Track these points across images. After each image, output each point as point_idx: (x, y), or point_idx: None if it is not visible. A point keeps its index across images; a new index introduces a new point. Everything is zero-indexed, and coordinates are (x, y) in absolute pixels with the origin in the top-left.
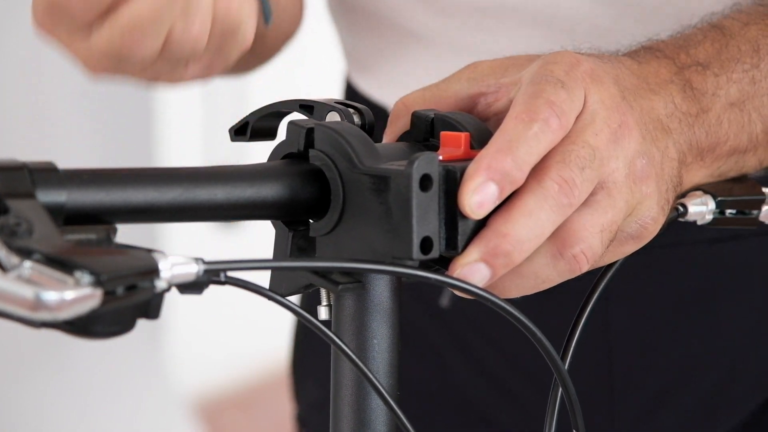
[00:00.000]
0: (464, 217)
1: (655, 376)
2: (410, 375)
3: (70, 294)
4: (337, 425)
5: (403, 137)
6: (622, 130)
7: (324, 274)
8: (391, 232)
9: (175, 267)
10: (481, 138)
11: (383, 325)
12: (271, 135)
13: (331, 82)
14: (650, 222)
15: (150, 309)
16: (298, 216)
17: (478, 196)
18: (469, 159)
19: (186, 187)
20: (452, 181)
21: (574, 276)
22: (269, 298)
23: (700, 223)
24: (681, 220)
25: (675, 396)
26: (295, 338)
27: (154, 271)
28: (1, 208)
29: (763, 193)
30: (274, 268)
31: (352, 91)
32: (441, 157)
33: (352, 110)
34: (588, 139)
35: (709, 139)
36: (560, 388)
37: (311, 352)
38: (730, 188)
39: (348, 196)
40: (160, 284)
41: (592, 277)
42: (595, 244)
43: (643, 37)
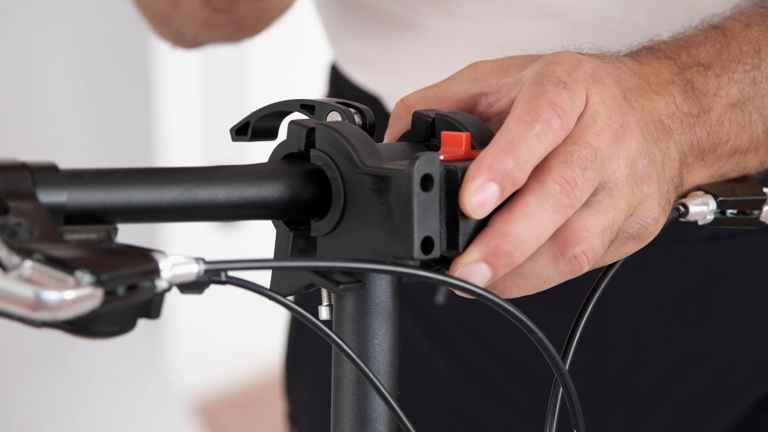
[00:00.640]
0: (465, 217)
1: (649, 374)
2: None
3: (71, 294)
4: (337, 425)
5: (404, 137)
6: (623, 130)
7: (325, 274)
8: (392, 232)
9: (176, 267)
10: (482, 138)
11: (384, 325)
12: (272, 135)
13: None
14: (651, 222)
15: (151, 309)
16: (299, 216)
17: (479, 196)
18: (470, 159)
19: (186, 186)
20: (453, 181)
21: (574, 276)
22: (270, 298)
23: (701, 223)
24: (682, 220)
25: (669, 393)
26: (289, 337)
27: (154, 271)
28: (1, 208)
29: (764, 193)
30: (274, 268)
31: (339, 80)
32: (442, 157)
33: (353, 110)
34: (590, 140)
35: (710, 139)
36: (561, 389)
37: (303, 353)
38: (731, 188)
39: (349, 196)
40: (161, 284)
41: (593, 277)
42: (596, 245)
43: (652, 32)
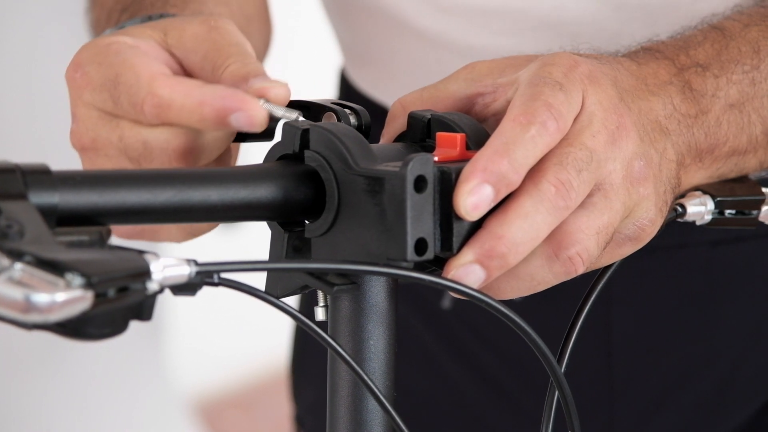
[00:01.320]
0: (459, 219)
1: (655, 379)
2: (406, 378)
3: (61, 296)
4: (333, 427)
5: (400, 138)
6: (619, 131)
7: (319, 275)
8: (386, 234)
9: (167, 269)
10: (478, 139)
11: (379, 327)
12: (269, 136)
13: (329, 82)
14: (648, 224)
15: (142, 311)
16: (293, 217)
17: (473, 198)
18: (464, 160)
19: (179, 188)
20: (447, 183)
21: (569, 278)
22: (263, 300)
23: (699, 223)
24: (680, 220)
25: (675, 398)
26: (295, 339)
27: (145, 273)
28: None
29: (763, 194)
30: (266, 270)
31: (347, 87)
32: (436, 158)
33: (348, 111)
34: (585, 142)
35: (708, 140)
36: (556, 390)
37: (310, 354)
38: (730, 188)
39: (343, 197)
40: (152, 286)
41: (590, 279)
42: (591, 246)
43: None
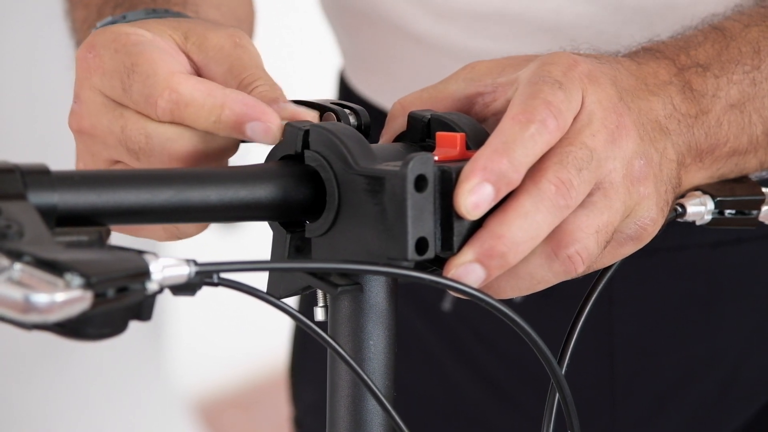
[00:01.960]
0: (460, 218)
1: (657, 379)
2: (408, 379)
3: (60, 296)
4: (333, 427)
5: (400, 138)
6: (619, 131)
7: (322, 276)
8: (387, 233)
9: (167, 269)
10: (477, 138)
11: (379, 327)
12: None
13: (328, 82)
14: (649, 223)
15: (142, 311)
16: (293, 217)
17: (473, 197)
18: (464, 159)
19: (178, 188)
20: (447, 182)
21: (569, 277)
22: (262, 300)
23: (699, 223)
24: (680, 220)
25: (677, 399)
26: (294, 340)
27: (144, 273)
28: None
29: (763, 194)
30: (265, 270)
31: (346, 90)
32: (436, 158)
33: (347, 111)
34: (585, 141)
35: (709, 140)
36: (557, 391)
37: (310, 355)
38: (730, 188)
39: (343, 197)
40: (151, 286)
41: (590, 279)
42: (591, 245)
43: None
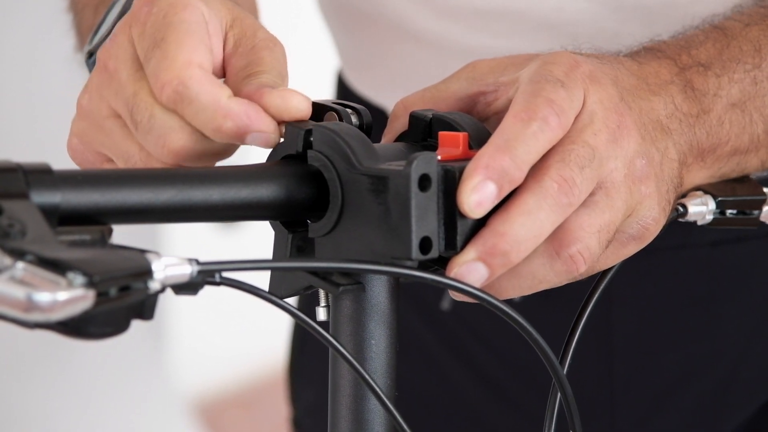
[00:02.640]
0: (463, 217)
1: (656, 379)
2: (408, 380)
3: (63, 295)
4: (334, 426)
5: (402, 138)
6: (620, 130)
7: (324, 275)
8: (390, 233)
9: (169, 268)
10: (480, 138)
11: (381, 326)
12: None
13: (326, 83)
14: (651, 222)
15: (144, 310)
16: (296, 217)
17: (476, 196)
18: (467, 159)
19: (181, 187)
20: (451, 181)
21: (571, 277)
22: (264, 299)
23: (700, 223)
24: (681, 220)
25: (676, 398)
26: (293, 341)
27: (147, 272)
28: None
29: (764, 193)
30: (268, 269)
31: (345, 90)
32: (439, 157)
33: (349, 110)
34: (587, 139)
35: (710, 139)
36: (558, 391)
37: (308, 355)
38: (731, 188)
39: (346, 196)
40: (154, 285)
41: (591, 279)
42: (593, 245)
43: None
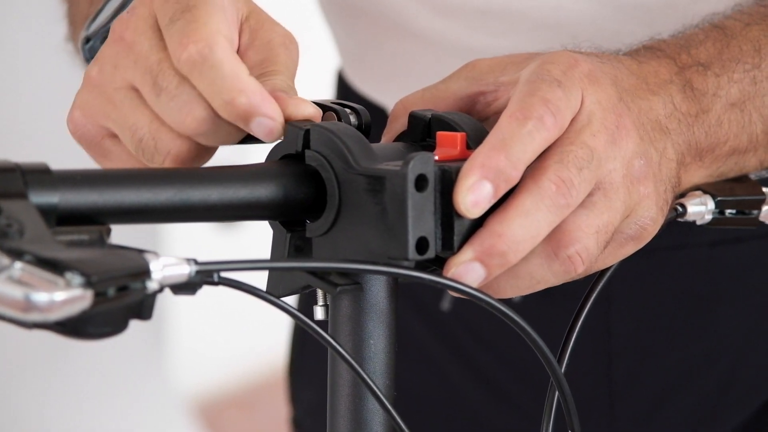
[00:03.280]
0: (460, 217)
1: (655, 379)
2: (407, 380)
3: (61, 295)
4: (333, 427)
5: (401, 137)
6: (619, 131)
7: (322, 275)
8: (387, 233)
9: (167, 268)
10: (478, 138)
11: (379, 326)
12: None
13: (326, 81)
14: (649, 223)
15: (142, 310)
16: (294, 216)
17: (472, 195)
18: (465, 159)
19: (179, 187)
20: (448, 181)
21: (569, 277)
22: (263, 299)
23: (699, 223)
24: (680, 220)
25: (675, 399)
26: (293, 341)
27: (145, 272)
28: None
29: (763, 193)
30: (266, 269)
31: (345, 88)
32: (437, 157)
33: (348, 110)
34: (586, 140)
35: (709, 139)
36: (556, 390)
37: (308, 355)
38: (730, 188)
39: (344, 196)
40: (152, 285)
41: (589, 279)
42: (591, 246)
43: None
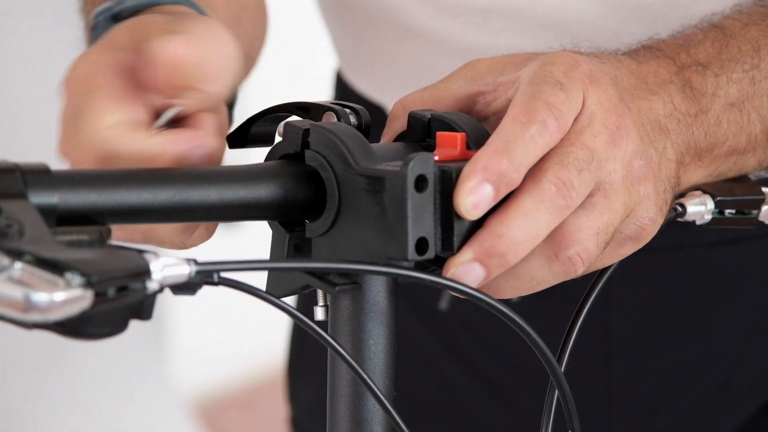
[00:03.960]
0: (460, 218)
1: (653, 379)
2: (404, 380)
3: (60, 295)
4: (333, 426)
5: (400, 138)
6: (619, 132)
7: (321, 275)
8: (387, 233)
9: (167, 268)
10: (478, 138)
11: (379, 326)
12: (270, 140)
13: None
14: (649, 223)
15: (142, 310)
16: (293, 217)
17: (473, 197)
18: (465, 159)
19: (179, 188)
20: (448, 182)
21: (569, 278)
22: (263, 299)
23: (699, 223)
24: (680, 220)
25: (673, 399)
26: (292, 341)
27: (145, 273)
28: None
29: (763, 193)
30: (265, 269)
31: (344, 88)
32: (437, 158)
33: (348, 110)
34: (586, 141)
35: (708, 139)
36: (556, 390)
37: (307, 355)
38: (730, 188)
39: (343, 196)
40: (152, 285)
41: (588, 279)
42: (591, 247)
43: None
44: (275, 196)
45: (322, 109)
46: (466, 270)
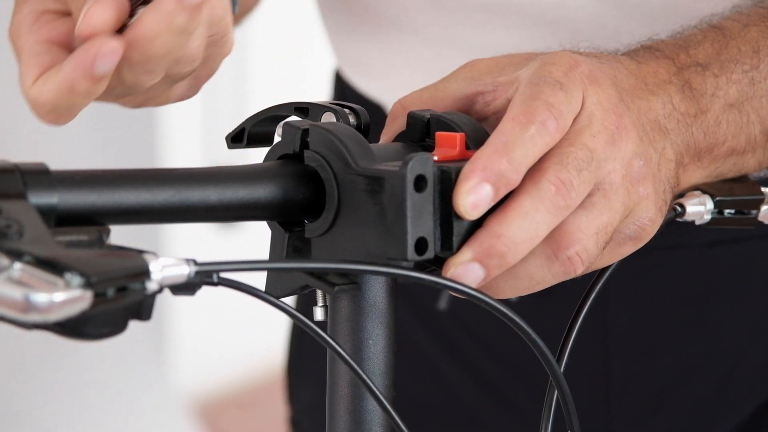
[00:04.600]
0: (459, 218)
1: (652, 379)
2: (405, 380)
3: (60, 296)
4: (332, 427)
5: (400, 138)
6: (619, 132)
7: (320, 275)
8: (386, 233)
9: (166, 268)
10: (477, 138)
11: (378, 326)
12: (269, 141)
13: (324, 81)
14: (648, 223)
15: (141, 310)
16: (293, 217)
17: (472, 197)
18: (464, 159)
19: (178, 188)
20: (447, 182)
21: (569, 278)
22: (262, 299)
23: (698, 223)
24: (679, 220)
25: (672, 399)
26: (291, 341)
27: (144, 273)
28: None
29: (762, 193)
30: (265, 269)
31: (344, 87)
32: (436, 158)
33: (347, 110)
34: (586, 141)
35: (707, 140)
36: (555, 390)
37: (306, 355)
38: (729, 188)
39: (343, 197)
40: (151, 286)
41: (588, 278)
42: (590, 247)
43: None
44: (274, 197)
45: (322, 109)
46: (466, 270)
